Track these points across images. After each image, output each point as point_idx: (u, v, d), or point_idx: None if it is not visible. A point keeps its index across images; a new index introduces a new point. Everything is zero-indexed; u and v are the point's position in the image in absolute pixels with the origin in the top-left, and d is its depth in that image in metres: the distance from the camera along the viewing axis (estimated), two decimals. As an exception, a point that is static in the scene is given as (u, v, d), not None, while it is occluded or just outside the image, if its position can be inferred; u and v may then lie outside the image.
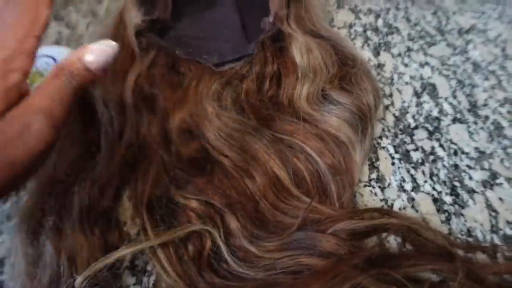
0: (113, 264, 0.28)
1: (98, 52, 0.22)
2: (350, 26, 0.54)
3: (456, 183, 0.36)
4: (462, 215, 0.34)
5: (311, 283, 0.25)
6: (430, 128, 0.41)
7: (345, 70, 0.40)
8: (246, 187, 0.32)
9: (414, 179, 0.36)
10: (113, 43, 0.23)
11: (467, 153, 0.38)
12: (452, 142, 0.39)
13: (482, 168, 0.37)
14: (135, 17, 0.42)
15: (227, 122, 0.35)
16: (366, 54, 0.50)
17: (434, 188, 0.36)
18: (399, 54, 0.50)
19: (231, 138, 0.34)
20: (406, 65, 0.48)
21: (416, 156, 0.38)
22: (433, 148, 0.39)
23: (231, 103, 0.37)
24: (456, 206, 0.34)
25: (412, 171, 0.37)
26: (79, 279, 0.26)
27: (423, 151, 0.39)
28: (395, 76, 0.47)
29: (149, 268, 0.31)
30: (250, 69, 0.40)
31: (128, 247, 0.28)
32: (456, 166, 0.37)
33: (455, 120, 0.42)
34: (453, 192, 0.35)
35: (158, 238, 0.28)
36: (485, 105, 0.43)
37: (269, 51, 0.40)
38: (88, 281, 0.27)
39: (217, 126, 0.35)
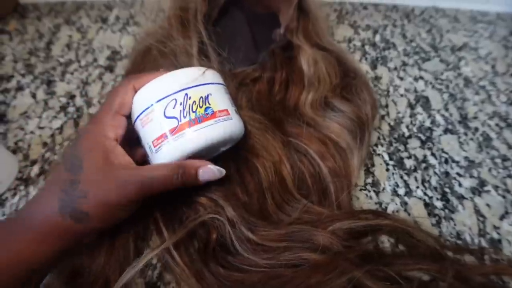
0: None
1: (210, 172, 0.29)
2: (350, 40, 0.57)
3: (447, 189, 0.38)
4: (451, 219, 0.36)
5: (312, 275, 0.27)
6: (423, 138, 0.43)
7: (346, 81, 0.42)
8: (258, 180, 0.33)
9: (407, 185, 0.38)
10: (223, 171, 0.31)
11: (457, 162, 0.41)
12: (443, 151, 0.42)
13: (471, 176, 0.39)
14: None
15: (246, 120, 0.36)
16: (364, 67, 0.52)
17: (425, 194, 0.38)
18: (395, 68, 0.52)
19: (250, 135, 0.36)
20: (401, 79, 0.51)
21: (409, 163, 0.40)
22: (425, 156, 0.41)
23: (246, 102, 0.39)
24: (446, 211, 0.36)
25: (405, 177, 0.39)
26: None
27: (416, 159, 0.41)
28: (391, 89, 0.49)
29: (153, 261, 0.32)
30: (261, 73, 0.43)
31: (149, 252, 0.29)
32: (446, 174, 0.39)
33: (446, 131, 0.44)
34: (444, 197, 0.37)
35: (174, 236, 0.29)
36: (475, 117, 0.46)
37: (278, 59, 0.43)
38: None
39: None
